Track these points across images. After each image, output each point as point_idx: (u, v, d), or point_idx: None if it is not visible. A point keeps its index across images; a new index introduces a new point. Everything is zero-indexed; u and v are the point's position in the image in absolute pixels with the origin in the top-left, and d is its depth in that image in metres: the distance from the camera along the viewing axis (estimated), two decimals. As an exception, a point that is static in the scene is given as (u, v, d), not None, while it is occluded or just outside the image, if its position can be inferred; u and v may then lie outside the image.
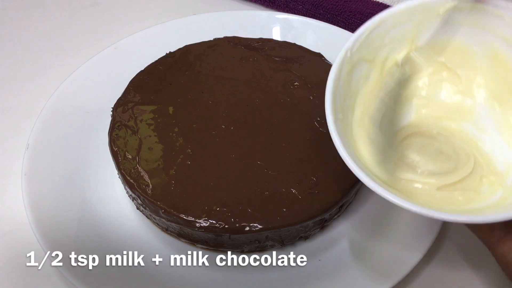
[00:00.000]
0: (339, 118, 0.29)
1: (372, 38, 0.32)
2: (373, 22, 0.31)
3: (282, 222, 0.34)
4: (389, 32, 0.32)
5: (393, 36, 0.32)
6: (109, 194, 0.40)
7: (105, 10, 0.60)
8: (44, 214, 0.37)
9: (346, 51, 0.31)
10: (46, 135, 0.41)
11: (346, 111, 0.31)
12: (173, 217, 0.34)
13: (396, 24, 0.32)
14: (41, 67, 0.53)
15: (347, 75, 0.31)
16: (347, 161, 0.27)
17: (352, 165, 0.27)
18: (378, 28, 0.32)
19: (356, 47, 0.31)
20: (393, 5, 0.32)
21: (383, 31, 0.32)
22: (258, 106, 0.40)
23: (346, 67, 0.31)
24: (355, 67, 0.32)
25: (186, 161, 0.37)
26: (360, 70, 0.32)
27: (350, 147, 0.29)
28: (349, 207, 0.39)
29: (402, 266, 0.34)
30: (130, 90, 0.42)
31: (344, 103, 0.31)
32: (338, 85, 0.30)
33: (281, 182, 0.36)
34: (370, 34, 0.31)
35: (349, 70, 0.31)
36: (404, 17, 0.32)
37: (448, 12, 0.31)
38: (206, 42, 0.46)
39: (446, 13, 0.31)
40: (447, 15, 0.31)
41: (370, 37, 0.31)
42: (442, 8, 0.31)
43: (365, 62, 0.32)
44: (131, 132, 0.39)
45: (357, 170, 0.26)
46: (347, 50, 0.31)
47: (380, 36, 0.32)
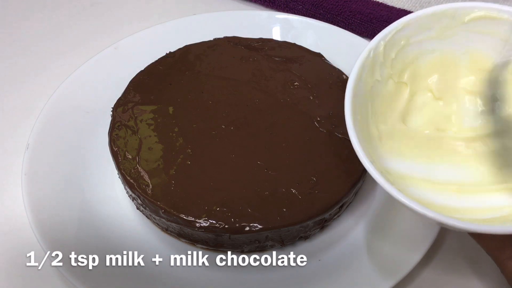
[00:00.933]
0: (357, 119, 0.29)
1: (395, 40, 0.31)
2: (399, 23, 0.31)
3: (282, 222, 0.34)
4: (413, 37, 0.32)
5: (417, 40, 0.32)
6: (109, 194, 0.40)
7: (105, 10, 0.59)
8: (44, 214, 0.37)
9: (369, 51, 0.30)
10: (46, 135, 0.41)
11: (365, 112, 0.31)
12: (173, 217, 0.34)
13: (420, 29, 0.31)
14: (41, 67, 0.53)
15: (369, 76, 0.31)
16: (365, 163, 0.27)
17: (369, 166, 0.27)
18: (402, 31, 0.31)
19: (380, 49, 0.31)
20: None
21: (407, 34, 0.31)
22: (258, 106, 0.40)
23: (368, 67, 0.31)
24: (376, 68, 0.31)
25: (186, 161, 0.37)
26: (382, 72, 0.32)
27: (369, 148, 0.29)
28: (349, 207, 0.39)
29: (402, 266, 0.34)
30: (130, 90, 0.42)
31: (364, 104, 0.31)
32: (359, 86, 0.30)
33: (281, 182, 0.36)
34: (394, 36, 0.31)
35: (371, 70, 0.31)
36: (429, 23, 0.31)
37: (473, 21, 0.31)
38: (206, 42, 0.46)
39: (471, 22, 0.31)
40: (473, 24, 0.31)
41: (394, 39, 0.31)
42: (467, 16, 0.31)
43: (386, 67, 0.32)
44: (131, 132, 0.39)
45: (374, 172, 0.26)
46: (370, 50, 0.30)
47: (403, 39, 0.31)
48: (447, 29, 0.32)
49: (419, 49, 0.32)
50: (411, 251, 0.35)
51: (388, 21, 0.52)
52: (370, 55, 0.30)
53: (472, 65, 0.33)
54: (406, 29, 0.31)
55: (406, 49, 0.32)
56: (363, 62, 0.30)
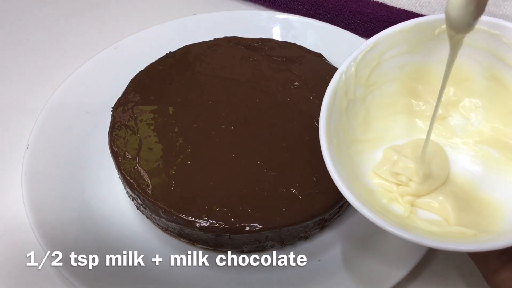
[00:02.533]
0: (333, 143, 0.29)
1: (367, 60, 0.31)
2: (367, 45, 0.31)
3: (282, 222, 0.34)
4: (385, 54, 0.32)
5: (389, 56, 0.32)
6: (109, 194, 0.40)
7: (105, 10, 0.59)
8: (44, 214, 0.37)
9: (340, 74, 0.30)
10: (46, 135, 0.41)
11: (343, 134, 0.31)
12: (173, 217, 0.34)
13: (391, 46, 0.32)
14: (41, 67, 0.53)
15: (343, 97, 0.31)
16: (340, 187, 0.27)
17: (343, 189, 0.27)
18: (372, 51, 0.31)
19: (351, 71, 0.31)
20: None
21: (378, 53, 0.31)
22: (258, 106, 0.40)
23: (341, 90, 0.31)
24: (350, 89, 0.31)
25: (186, 161, 0.37)
26: (355, 93, 0.32)
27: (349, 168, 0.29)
28: (349, 207, 0.39)
29: (403, 265, 0.34)
30: (130, 90, 0.42)
31: (339, 127, 0.31)
32: (333, 109, 0.30)
33: (281, 182, 0.36)
34: (364, 57, 0.31)
35: (344, 92, 0.31)
36: (399, 39, 0.31)
37: (443, 32, 0.30)
38: (206, 42, 0.46)
39: (441, 34, 0.31)
40: (443, 36, 0.31)
41: (364, 59, 0.31)
42: (437, 29, 0.31)
43: (360, 86, 0.32)
44: (131, 132, 0.39)
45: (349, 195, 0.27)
46: (341, 74, 0.31)
47: (375, 58, 0.32)
48: (418, 42, 0.32)
49: (394, 64, 0.32)
50: (412, 249, 0.35)
51: (388, 21, 0.52)
52: (342, 78, 0.31)
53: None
54: (376, 48, 0.31)
55: (380, 66, 0.32)
56: (335, 86, 0.30)
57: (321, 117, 0.29)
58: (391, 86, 0.33)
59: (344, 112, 0.31)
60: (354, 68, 0.31)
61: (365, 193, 0.30)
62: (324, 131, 0.29)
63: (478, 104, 0.32)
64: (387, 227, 0.26)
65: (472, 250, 0.25)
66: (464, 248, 0.25)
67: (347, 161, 0.30)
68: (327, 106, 0.30)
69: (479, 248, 0.24)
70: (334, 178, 0.28)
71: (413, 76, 0.33)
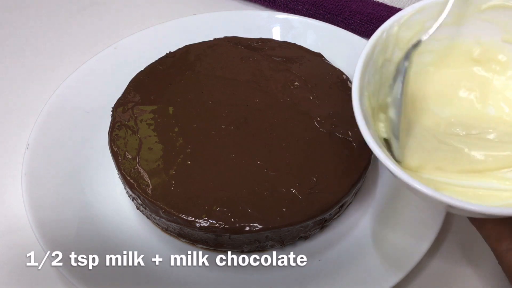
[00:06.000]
0: (364, 95, 0.29)
1: (410, 24, 0.31)
2: (414, 8, 0.31)
3: (282, 222, 0.34)
4: (427, 22, 0.31)
5: (431, 25, 0.31)
6: (109, 194, 0.40)
7: (105, 10, 0.59)
8: (44, 214, 0.37)
9: (382, 32, 0.30)
10: (46, 135, 0.41)
11: (373, 91, 0.31)
12: (173, 217, 0.34)
13: (436, 15, 0.31)
14: (41, 67, 0.53)
15: (379, 57, 0.31)
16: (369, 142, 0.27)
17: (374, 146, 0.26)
18: (416, 15, 0.31)
19: (393, 30, 0.30)
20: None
21: (421, 19, 0.31)
22: (258, 106, 0.40)
23: (379, 47, 0.30)
24: (388, 49, 0.31)
25: (186, 161, 0.37)
26: (392, 55, 0.31)
27: (373, 127, 0.28)
28: (349, 207, 0.39)
29: (402, 267, 0.34)
30: (130, 90, 0.42)
31: (372, 82, 0.30)
32: (369, 64, 0.30)
33: (281, 182, 0.36)
34: (408, 20, 0.31)
35: (382, 50, 0.31)
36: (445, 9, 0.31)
37: (490, 9, 0.30)
38: (206, 42, 0.46)
39: (488, 10, 0.31)
40: (489, 13, 0.31)
41: (407, 22, 0.31)
42: (484, 4, 0.31)
43: (399, 49, 0.32)
44: (131, 132, 0.39)
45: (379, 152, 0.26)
46: (383, 31, 0.30)
47: (418, 23, 0.31)
48: (462, 16, 0.31)
49: (435, 35, 0.32)
50: (411, 251, 0.35)
51: (388, 21, 0.52)
52: (383, 36, 0.30)
53: (483, 55, 0.33)
54: (420, 13, 0.31)
55: (421, 33, 0.32)
56: (376, 41, 0.30)
57: (357, 69, 0.29)
58: (428, 57, 0.33)
59: (378, 70, 0.31)
60: (397, 28, 0.31)
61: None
62: (358, 84, 0.28)
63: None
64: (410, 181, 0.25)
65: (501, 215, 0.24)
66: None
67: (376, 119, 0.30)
68: (364, 58, 0.29)
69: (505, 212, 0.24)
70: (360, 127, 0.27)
71: (450, 50, 0.33)
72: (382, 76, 0.31)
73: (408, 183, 0.25)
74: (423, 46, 0.32)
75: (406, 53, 0.31)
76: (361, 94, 0.29)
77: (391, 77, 0.32)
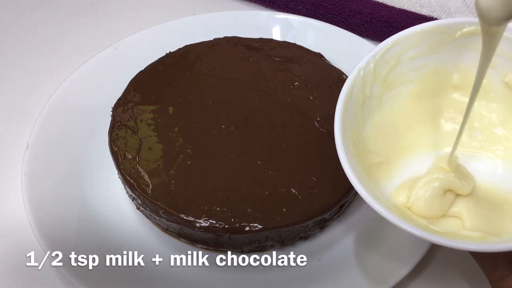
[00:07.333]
0: (347, 137, 0.29)
1: (386, 58, 0.31)
2: (387, 43, 0.31)
3: (282, 222, 0.34)
4: (404, 54, 0.31)
5: (408, 57, 0.32)
6: (109, 194, 0.40)
7: (105, 10, 0.59)
8: (44, 214, 0.37)
9: (358, 70, 0.30)
10: (46, 135, 0.41)
11: (356, 130, 0.31)
12: (173, 217, 0.34)
13: (411, 46, 0.31)
14: (41, 67, 0.53)
15: (359, 95, 0.31)
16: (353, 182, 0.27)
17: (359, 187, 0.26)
18: (391, 49, 0.31)
19: (369, 67, 0.31)
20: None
21: (397, 52, 0.31)
22: (258, 106, 0.40)
23: (358, 86, 0.30)
24: (367, 86, 0.31)
25: (186, 161, 0.37)
26: (372, 91, 0.32)
27: (359, 167, 0.28)
28: (349, 207, 0.39)
29: (402, 266, 0.34)
30: (130, 90, 0.42)
31: (355, 122, 0.30)
32: (349, 103, 0.30)
33: (281, 182, 0.36)
34: (384, 55, 0.31)
35: (361, 88, 0.31)
36: (419, 40, 0.31)
37: (464, 36, 0.30)
38: (206, 42, 0.46)
39: (462, 38, 0.30)
40: (463, 40, 0.31)
41: (384, 58, 0.31)
42: (458, 32, 0.30)
43: (378, 84, 0.32)
44: (131, 132, 0.39)
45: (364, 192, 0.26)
46: (359, 70, 0.30)
47: (394, 57, 0.31)
48: (438, 45, 0.31)
49: (413, 66, 0.32)
50: (411, 250, 0.35)
51: (388, 21, 0.52)
52: (360, 74, 0.30)
53: (462, 80, 0.32)
54: (396, 47, 0.31)
55: (399, 66, 0.32)
56: (353, 80, 0.30)
57: (337, 110, 0.29)
58: (408, 87, 0.33)
59: (360, 108, 0.31)
60: (373, 65, 0.31)
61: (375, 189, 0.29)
62: (339, 124, 0.28)
63: (495, 110, 0.32)
64: (396, 221, 0.25)
65: (478, 250, 0.25)
66: (471, 247, 0.24)
67: (362, 159, 0.30)
68: (343, 99, 0.29)
69: (486, 248, 0.24)
70: (345, 169, 0.27)
71: (430, 79, 0.33)
72: (364, 112, 0.31)
73: (394, 222, 0.26)
74: (402, 77, 0.32)
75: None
76: (344, 136, 0.28)
77: (374, 111, 0.32)
